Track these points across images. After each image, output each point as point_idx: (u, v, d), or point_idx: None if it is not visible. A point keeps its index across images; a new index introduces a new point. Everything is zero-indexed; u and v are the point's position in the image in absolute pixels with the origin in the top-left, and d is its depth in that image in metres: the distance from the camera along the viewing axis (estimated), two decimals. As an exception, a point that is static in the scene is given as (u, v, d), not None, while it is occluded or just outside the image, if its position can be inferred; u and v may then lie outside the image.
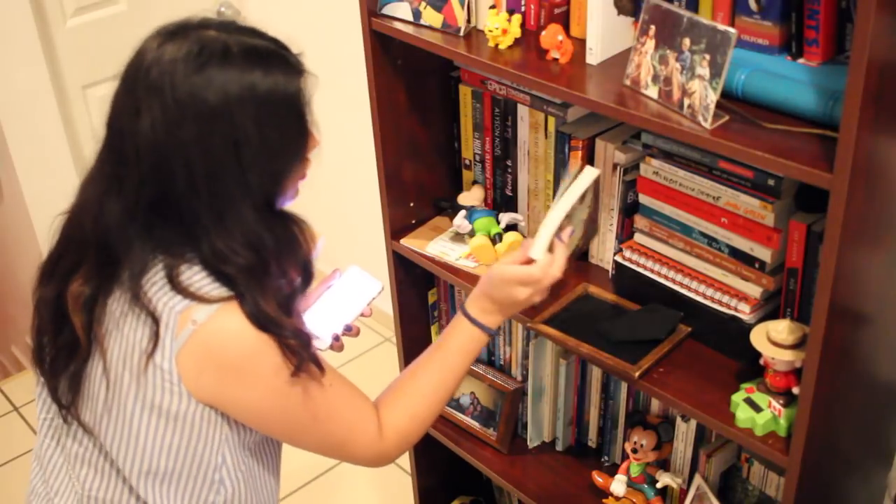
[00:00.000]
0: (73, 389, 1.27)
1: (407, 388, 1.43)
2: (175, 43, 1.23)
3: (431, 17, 1.68)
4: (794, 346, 1.38)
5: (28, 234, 2.99)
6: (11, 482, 2.86)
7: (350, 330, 1.57)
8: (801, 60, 1.35)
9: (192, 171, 1.17)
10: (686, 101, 1.34)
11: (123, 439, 1.26)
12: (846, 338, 1.36)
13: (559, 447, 2.02)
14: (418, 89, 1.87)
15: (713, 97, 1.29)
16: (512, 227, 1.86)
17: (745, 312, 1.51)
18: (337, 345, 1.54)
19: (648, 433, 1.77)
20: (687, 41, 1.33)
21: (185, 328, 1.19)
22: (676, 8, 1.37)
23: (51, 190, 2.92)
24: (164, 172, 1.18)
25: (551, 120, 1.73)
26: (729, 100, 1.34)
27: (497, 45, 1.60)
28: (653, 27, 1.38)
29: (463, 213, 1.86)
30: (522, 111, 1.77)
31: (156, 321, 1.20)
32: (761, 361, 1.45)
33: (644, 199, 1.62)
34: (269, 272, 1.23)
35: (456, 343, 1.45)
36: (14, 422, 3.07)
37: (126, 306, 1.22)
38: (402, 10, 1.71)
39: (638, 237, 1.67)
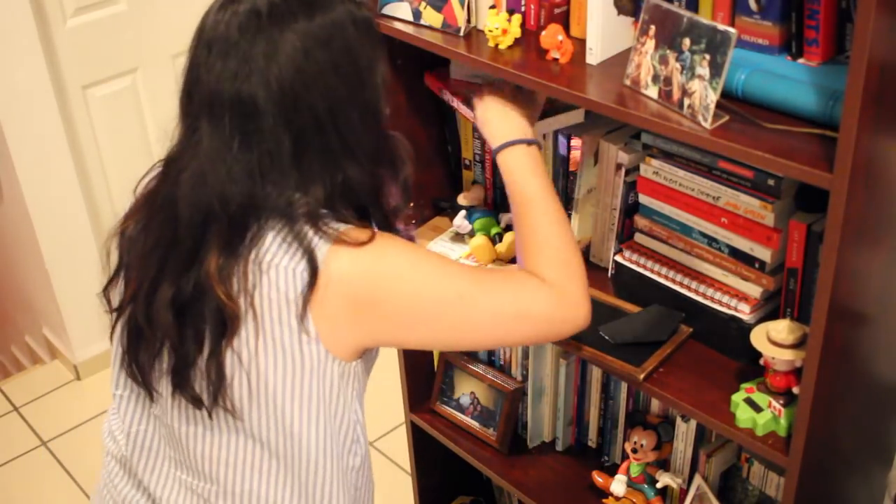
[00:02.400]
0: (218, 373, 1.23)
1: (528, 247, 1.39)
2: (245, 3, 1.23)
3: (431, 17, 1.68)
4: (794, 346, 1.38)
5: (28, 234, 2.99)
6: (11, 482, 2.86)
7: None
8: (801, 60, 1.35)
9: (318, 107, 1.20)
10: (686, 101, 1.34)
11: (269, 414, 1.25)
12: (846, 338, 1.36)
13: (559, 447, 2.02)
14: (418, 89, 1.87)
15: (713, 97, 1.29)
16: (512, 227, 1.86)
17: (745, 312, 1.51)
18: None
19: (648, 433, 1.77)
20: (687, 41, 1.33)
21: (299, 275, 1.20)
22: (676, 8, 1.37)
23: (51, 190, 2.93)
24: (298, 113, 1.19)
25: (551, 120, 1.73)
26: (729, 100, 1.34)
27: (497, 45, 1.60)
28: (653, 27, 1.38)
29: (463, 213, 1.86)
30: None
31: (310, 255, 1.19)
32: (761, 362, 1.45)
33: (644, 199, 1.62)
34: (384, 191, 1.29)
35: (521, 175, 1.44)
36: (14, 422, 3.07)
37: (270, 251, 1.20)
38: (402, 10, 1.71)
39: (638, 237, 1.67)
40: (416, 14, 1.70)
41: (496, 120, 1.51)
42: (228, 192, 1.19)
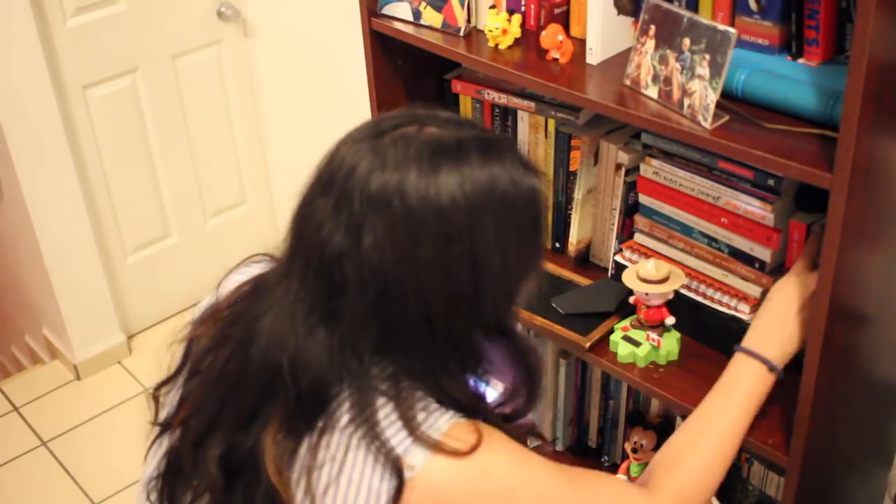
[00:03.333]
0: None
1: (682, 447, 1.28)
2: (386, 146, 1.02)
3: (431, 17, 1.68)
4: (662, 282, 1.52)
5: (28, 234, 2.99)
6: (11, 482, 2.86)
7: None
8: (801, 60, 1.35)
9: (427, 295, 1.00)
10: (686, 101, 1.34)
11: None
12: (846, 338, 1.36)
13: (559, 447, 2.02)
14: (418, 89, 1.87)
15: (713, 97, 1.29)
16: None
17: (745, 312, 1.51)
18: None
19: (648, 433, 1.77)
20: (687, 41, 1.33)
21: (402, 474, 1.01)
22: (676, 8, 1.37)
23: (51, 190, 2.93)
24: (394, 300, 1.00)
25: (551, 120, 1.73)
26: (729, 100, 1.34)
27: (497, 45, 1.60)
28: (653, 27, 1.38)
29: None
30: (523, 111, 1.77)
31: (396, 469, 1.00)
32: (632, 300, 1.58)
33: (644, 199, 1.62)
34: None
35: (731, 383, 1.32)
36: (14, 422, 3.07)
37: (345, 453, 1.02)
38: (402, 10, 1.71)
39: (638, 237, 1.67)
40: (416, 14, 1.70)
41: (777, 322, 1.35)
42: (303, 361, 1.02)
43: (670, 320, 1.56)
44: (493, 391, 1.12)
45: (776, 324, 1.35)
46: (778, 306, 1.36)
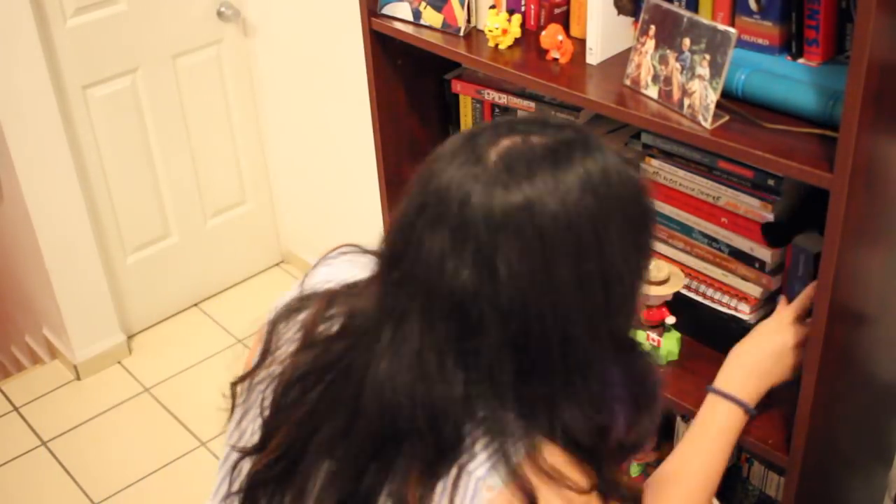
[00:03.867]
0: None
1: (668, 479, 1.26)
2: (495, 164, 0.92)
3: (431, 17, 1.68)
4: (663, 283, 1.52)
5: (28, 234, 2.99)
6: (11, 482, 2.86)
7: None
8: (801, 60, 1.35)
9: (566, 318, 0.92)
10: (686, 101, 1.34)
11: None
12: (846, 338, 1.36)
13: (559, 447, 2.01)
14: (418, 89, 1.87)
15: (713, 97, 1.29)
16: None
17: (745, 312, 1.51)
18: None
19: (648, 433, 1.78)
20: (687, 41, 1.33)
21: (483, 494, 0.94)
22: (676, 8, 1.37)
23: (51, 190, 2.93)
24: (535, 330, 0.92)
25: (551, 120, 1.73)
26: (729, 100, 1.34)
27: (497, 45, 1.60)
28: (653, 27, 1.38)
29: None
30: (523, 111, 1.77)
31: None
32: None
33: (644, 199, 1.62)
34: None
35: (704, 423, 1.32)
36: (14, 422, 3.07)
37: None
38: (402, 10, 1.71)
39: (638, 237, 1.67)
40: (416, 14, 1.70)
41: (739, 362, 1.36)
42: (441, 409, 0.94)
43: (670, 320, 1.57)
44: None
45: (750, 363, 1.36)
46: (755, 346, 1.38)
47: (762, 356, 1.37)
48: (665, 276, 1.53)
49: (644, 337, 1.57)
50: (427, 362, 0.94)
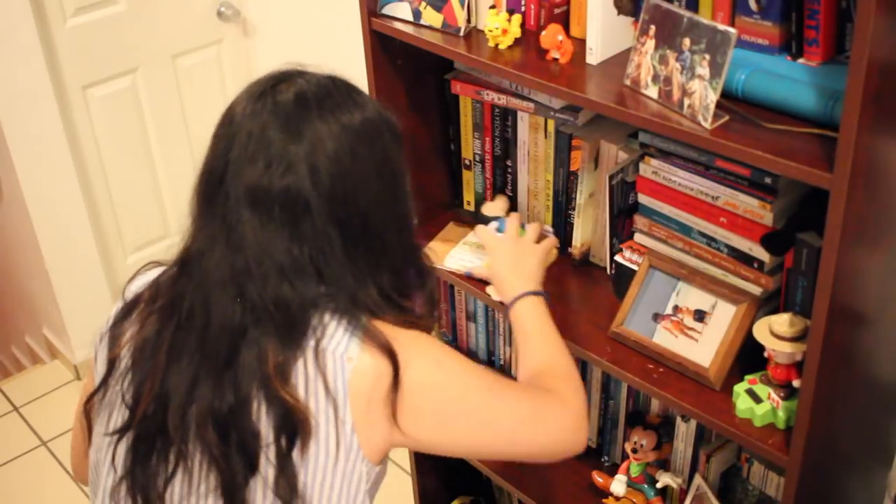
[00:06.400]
0: (291, 489, 1.17)
1: (542, 374, 1.43)
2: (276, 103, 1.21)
3: (431, 17, 1.68)
4: (795, 339, 1.39)
5: (28, 234, 2.99)
6: (11, 482, 2.86)
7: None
8: (801, 60, 1.35)
9: (364, 206, 1.19)
10: (686, 101, 1.34)
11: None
12: (846, 337, 1.36)
13: (559, 447, 2.02)
14: (418, 89, 1.87)
15: (713, 97, 1.29)
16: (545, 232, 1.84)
17: (745, 312, 1.51)
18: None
19: (648, 433, 1.77)
20: (687, 41, 1.33)
21: (346, 366, 1.18)
22: (676, 8, 1.37)
23: (51, 190, 2.93)
24: (343, 214, 1.17)
25: (551, 120, 1.73)
26: (729, 100, 1.34)
27: (497, 45, 1.60)
28: (653, 27, 1.38)
29: (494, 224, 1.84)
30: (522, 112, 1.77)
31: (392, 355, 1.19)
32: (765, 354, 1.45)
33: (643, 198, 1.62)
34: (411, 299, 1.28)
35: (524, 327, 1.50)
36: (14, 422, 3.07)
37: (319, 358, 1.18)
38: (402, 10, 1.71)
39: (638, 237, 1.67)
40: (416, 14, 1.70)
41: (506, 274, 1.58)
42: (287, 287, 1.16)
43: (797, 384, 1.41)
44: None
45: (508, 268, 1.58)
46: (503, 256, 1.61)
47: (507, 266, 1.58)
48: (798, 331, 1.39)
49: (766, 394, 1.44)
50: (267, 246, 1.14)
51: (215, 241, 1.18)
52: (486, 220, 1.85)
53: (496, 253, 1.63)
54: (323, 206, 1.15)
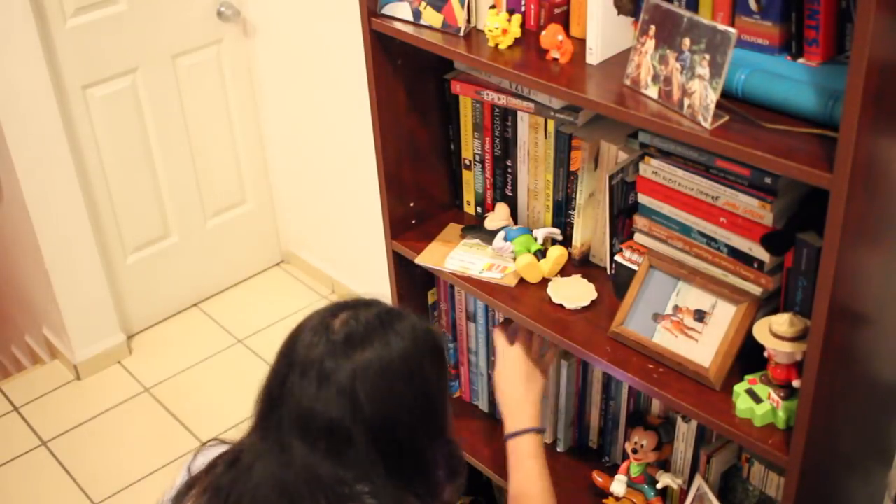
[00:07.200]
0: None
1: None
2: (333, 328, 1.30)
3: (431, 17, 1.68)
4: (795, 339, 1.39)
5: (28, 234, 2.99)
6: (11, 482, 2.86)
7: None
8: (801, 60, 1.35)
9: (403, 431, 1.29)
10: (686, 101, 1.34)
11: None
12: (846, 337, 1.36)
13: (560, 448, 2.02)
14: (418, 89, 1.87)
15: (713, 97, 1.29)
16: (555, 241, 1.84)
17: (745, 312, 1.51)
18: None
19: (649, 434, 1.77)
20: (687, 41, 1.33)
21: None
22: (676, 8, 1.37)
23: (51, 190, 2.93)
24: (383, 440, 1.27)
25: (551, 120, 1.73)
26: (729, 100, 1.34)
27: (497, 45, 1.60)
28: (653, 27, 1.38)
29: (502, 234, 1.83)
30: (522, 112, 1.77)
31: None
32: (765, 354, 1.45)
33: (643, 198, 1.62)
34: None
35: (520, 460, 1.66)
36: (14, 422, 3.07)
37: None
38: (402, 10, 1.71)
39: (638, 237, 1.67)
40: (416, 14, 1.70)
41: (513, 401, 1.72)
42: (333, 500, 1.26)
43: (797, 384, 1.41)
44: None
45: (514, 401, 1.71)
46: (507, 387, 1.73)
47: (516, 390, 1.72)
48: (798, 331, 1.39)
49: (766, 394, 1.45)
50: (314, 476, 1.25)
51: (268, 455, 1.29)
52: (491, 234, 1.85)
53: (506, 367, 1.75)
54: (365, 437, 1.25)
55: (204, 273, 3.48)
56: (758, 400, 1.44)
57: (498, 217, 1.89)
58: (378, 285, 2.86)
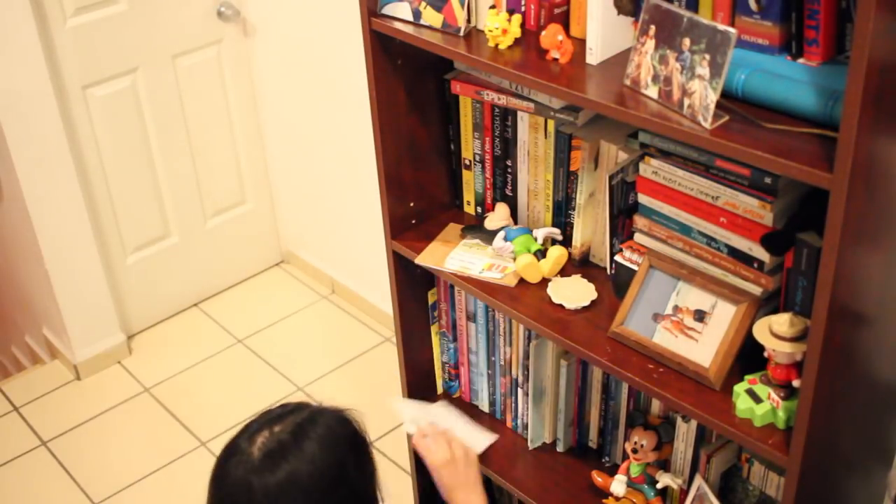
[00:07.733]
0: None
1: None
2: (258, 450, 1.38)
3: (431, 17, 1.68)
4: (795, 339, 1.39)
5: (28, 234, 2.99)
6: (11, 482, 2.86)
7: None
8: (801, 60, 1.35)
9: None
10: (686, 101, 1.34)
11: None
12: (846, 337, 1.36)
13: (560, 448, 2.02)
14: (418, 89, 1.87)
15: (713, 97, 1.29)
16: (555, 241, 1.84)
17: (745, 312, 1.51)
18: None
19: (649, 433, 1.77)
20: (687, 41, 1.33)
21: None
22: (676, 8, 1.37)
23: (51, 190, 2.93)
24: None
25: (551, 120, 1.73)
26: (729, 100, 1.34)
27: (497, 45, 1.60)
28: (653, 27, 1.38)
29: (502, 234, 1.83)
30: (522, 112, 1.77)
31: None
32: (765, 354, 1.45)
33: (643, 198, 1.62)
34: None
35: None
36: (14, 422, 3.07)
37: None
38: (402, 10, 1.71)
39: (637, 237, 1.67)
40: (416, 14, 1.70)
41: (462, 496, 1.74)
42: None
43: (797, 383, 1.41)
44: None
45: (465, 492, 1.73)
46: (455, 478, 1.74)
47: (462, 488, 1.74)
48: (798, 331, 1.39)
49: (766, 394, 1.44)
50: None
51: None
52: (491, 234, 1.85)
53: (443, 477, 1.76)
54: None
55: (204, 273, 3.48)
56: (758, 400, 1.44)
57: (498, 217, 1.89)
58: (378, 285, 2.86)
